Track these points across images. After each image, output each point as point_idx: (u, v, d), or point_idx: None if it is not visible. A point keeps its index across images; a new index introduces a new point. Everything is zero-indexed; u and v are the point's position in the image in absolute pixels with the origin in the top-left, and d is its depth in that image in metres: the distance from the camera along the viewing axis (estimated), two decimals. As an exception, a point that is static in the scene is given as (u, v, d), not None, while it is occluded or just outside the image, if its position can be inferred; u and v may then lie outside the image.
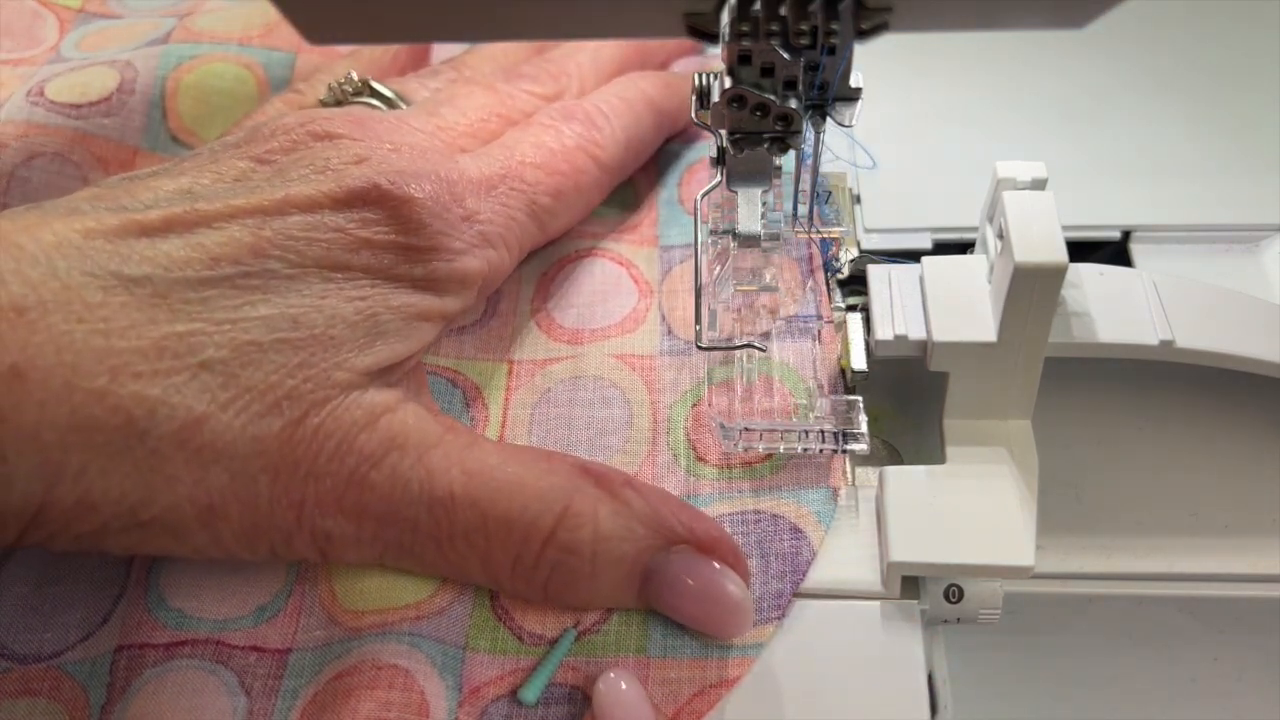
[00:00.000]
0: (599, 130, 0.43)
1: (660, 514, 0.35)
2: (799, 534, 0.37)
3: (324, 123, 0.37)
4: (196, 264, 0.32)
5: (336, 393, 0.33)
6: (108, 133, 0.45)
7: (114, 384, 0.30)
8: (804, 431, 0.39)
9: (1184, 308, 0.40)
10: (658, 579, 0.35)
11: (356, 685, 0.34)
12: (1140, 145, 0.50)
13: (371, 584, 0.36)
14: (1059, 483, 0.44)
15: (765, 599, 0.36)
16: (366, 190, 0.35)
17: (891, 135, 0.50)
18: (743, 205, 0.40)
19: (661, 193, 0.48)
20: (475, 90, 0.43)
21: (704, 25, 0.30)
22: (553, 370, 0.42)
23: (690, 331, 0.43)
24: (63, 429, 0.29)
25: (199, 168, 0.36)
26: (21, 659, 0.36)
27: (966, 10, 0.30)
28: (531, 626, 0.36)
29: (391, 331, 0.35)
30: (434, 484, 0.34)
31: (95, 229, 0.31)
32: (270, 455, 0.32)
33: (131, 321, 0.31)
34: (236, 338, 0.32)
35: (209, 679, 0.35)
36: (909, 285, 0.41)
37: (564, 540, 0.34)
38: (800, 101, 0.34)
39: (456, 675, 0.35)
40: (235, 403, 0.32)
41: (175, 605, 0.36)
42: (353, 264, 0.34)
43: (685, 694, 0.35)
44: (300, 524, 0.34)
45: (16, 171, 0.43)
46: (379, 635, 0.35)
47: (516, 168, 0.40)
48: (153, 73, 0.46)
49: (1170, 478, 0.44)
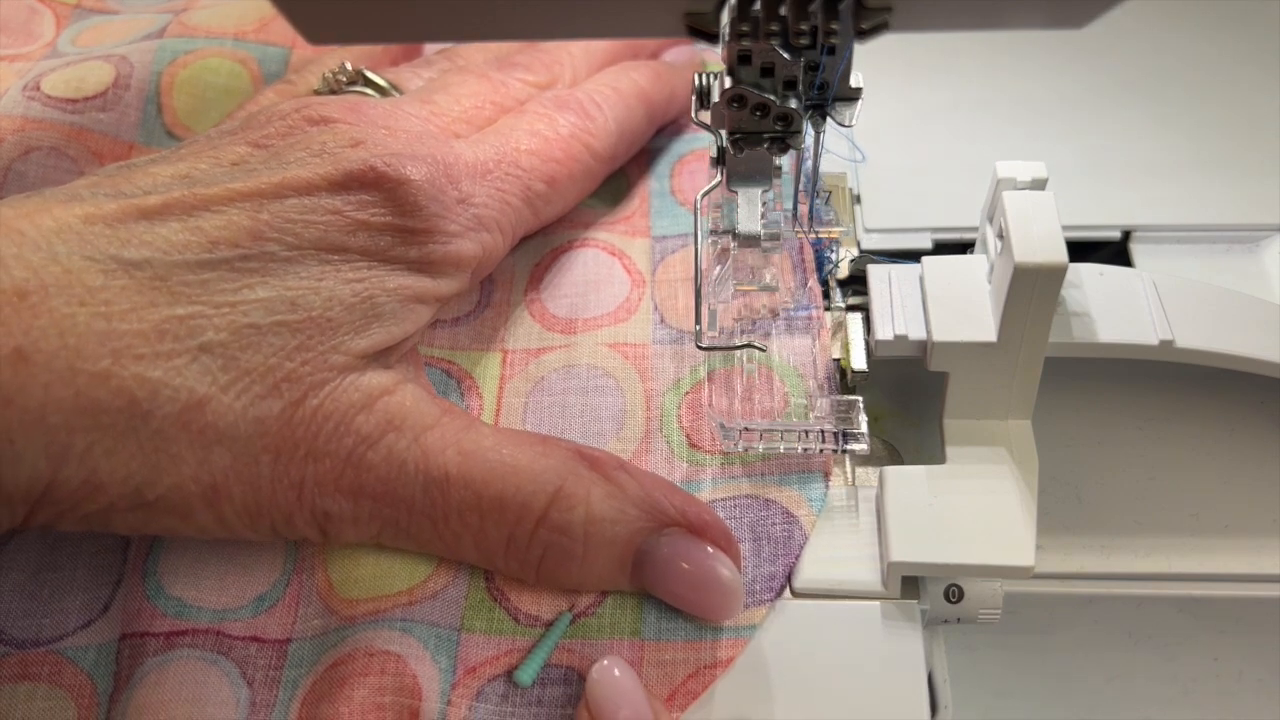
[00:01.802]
0: (593, 120, 0.43)
1: (653, 497, 0.36)
2: (791, 518, 0.38)
3: (319, 108, 0.37)
4: (195, 247, 0.32)
5: (334, 375, 0.34)
6: (104, 127, 0.45)
7: (116, 366, 0.30)
8: (804, 431, 0.39)
9: (1184, 308, 0.40)
10: (650, 561, 0.35)
11: (351, 673, 0.34)
12: (1140, 145, 0.50)
13: (366, 572, 0.36)
14: (1059, 483, 0.44)
15: (758, 581, 0.37)
16: (363, 172, 0.35)
17: (891, 135, 0.50)
18: (743, 205, 0.40)
19: (653, 184, 0.48)
20: (469, 78, 0.44)
21: (704, 25, 0.30)
22: (546, 359, 0.42)
23: (683, 321, 0.43)
24: (67, 410, 0.30)
25: (197, 154, 0.36)
26: (20, 644, 0.36)
27: (966, 10, 0.30)
28: (527, 608, 0.36)
29: (387, 314, 0.35)
30: (430, 464, 0.34)
31: (95, 214, 0.32)
32: (271, 436, 0.33)
33: (132, 304, 0.31)
34: (235, 320, 0.32)
35: (211, 670, 0.35)
36: (909, 285, 0.41)
37: (556, 521, 0.35)
38: (800, 101, 0.34)
39: (451, 657, 0.35)
40: (235, 385, 0.32)
41: (174, 593, 0.36)
42: (349, 246, 0.35)
43: (680, 675, 0.35)
44: (300, 503, 0.34)
45: (13, 166, 0.43)
46: (372, 623, 0.35)
47: (512, 153, 0.40)
48: (148, 67, 0.46)
49: (1170, 478, 0.44)
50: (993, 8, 0.30)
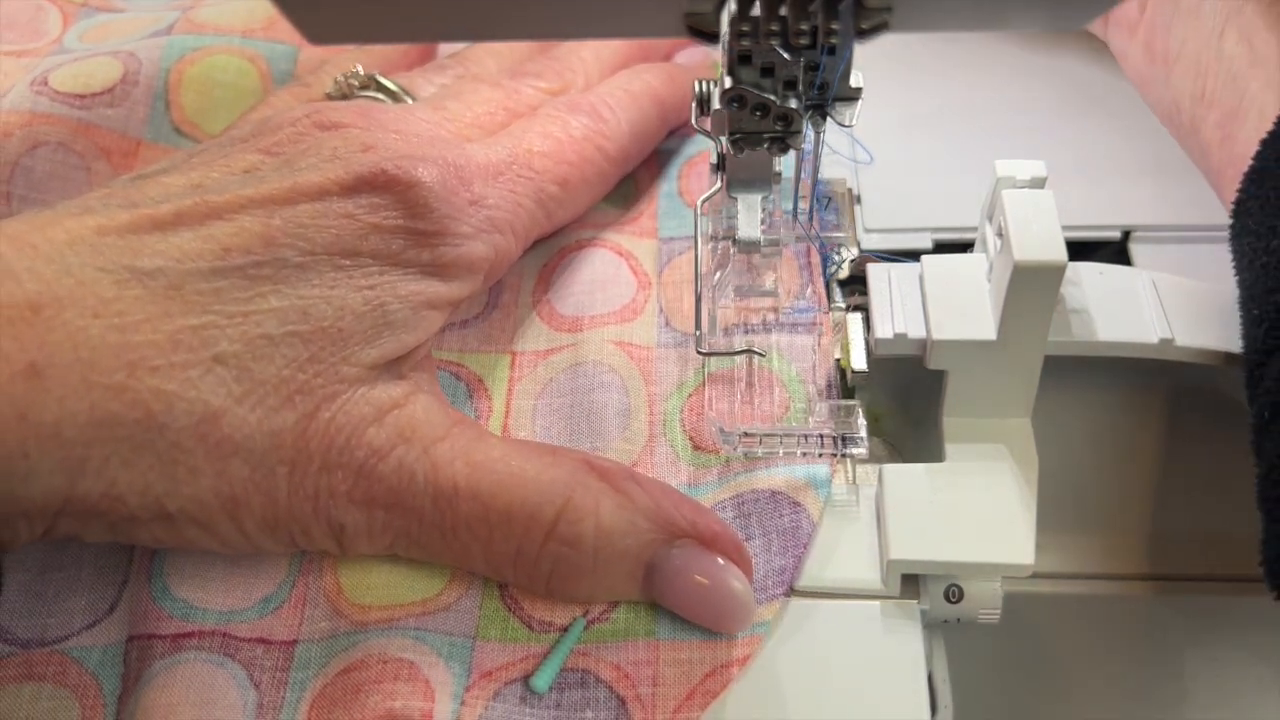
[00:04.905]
0: (605, 122, 0.43)
1: (663, 508, 0.35)
2: (797, 507, 0.38)
3: (330, 113, 0.37)
4: (208, 255, 0.32)
5: (345, 387, 0.34)
6: (111, 123, 0.45)
7: (131, 379, 0.30)
8: (803, 436, 0.39)
9: (1184, 306, 0.40)
10: (660, 573, 0.35)
11: (365, 681, 0.34)
12: (1140, 145, 0.50)
13: (380, 579, 0.36)
14: (1059, 483, 0.43)
15: (769, 576, 0.37)
16: (374, 175, 0.35)
17: (891, 135, 0.50)
18: (742, 211, 0.40)
19: (662, 185, 0.48)
20: (482, 85, 0.44)
21: (704, 25, 0.30)
22: (555, 360, 0.42)
23: (688, 323, 0.43)
24: (83, 424, 0.30)
25: (208, 163, 0.36)
26: (24, 644, 0.36)
27: (966, 10, 0.30)
28: (541, 614, 0.36)
29: (399, 321, 0.35)
30: (438, 476, 0.34)
31: (107, 225, 0.32)
32: (286, 449, 0.33)
33: (146, 315, 0.31)
34: (249, 331, 0.32)
35: (218, 672, 0.35)
36: (909, 284, 0.41)
37: (565, 534, 0.35)
38: (800, 101, 0.34)
39: (465, 663, 0.35)
40: (250, 397, 0.32)
41: (180, 595, 0.36)
42: (362, 250, 0.34)
43: (698, 674, 0.35)
44: (316, 515, 0.34)
45: (20, 161, 0.43)
46: (385, 630, 0.35)
47: (524, 155, 0.40)
48: (156, 64, 0.46)
49: (1170, 478, 0.44)
50: (993, 8, 0.30)
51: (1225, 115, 0.40)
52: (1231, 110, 0.40)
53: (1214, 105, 0.41)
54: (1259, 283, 0.37)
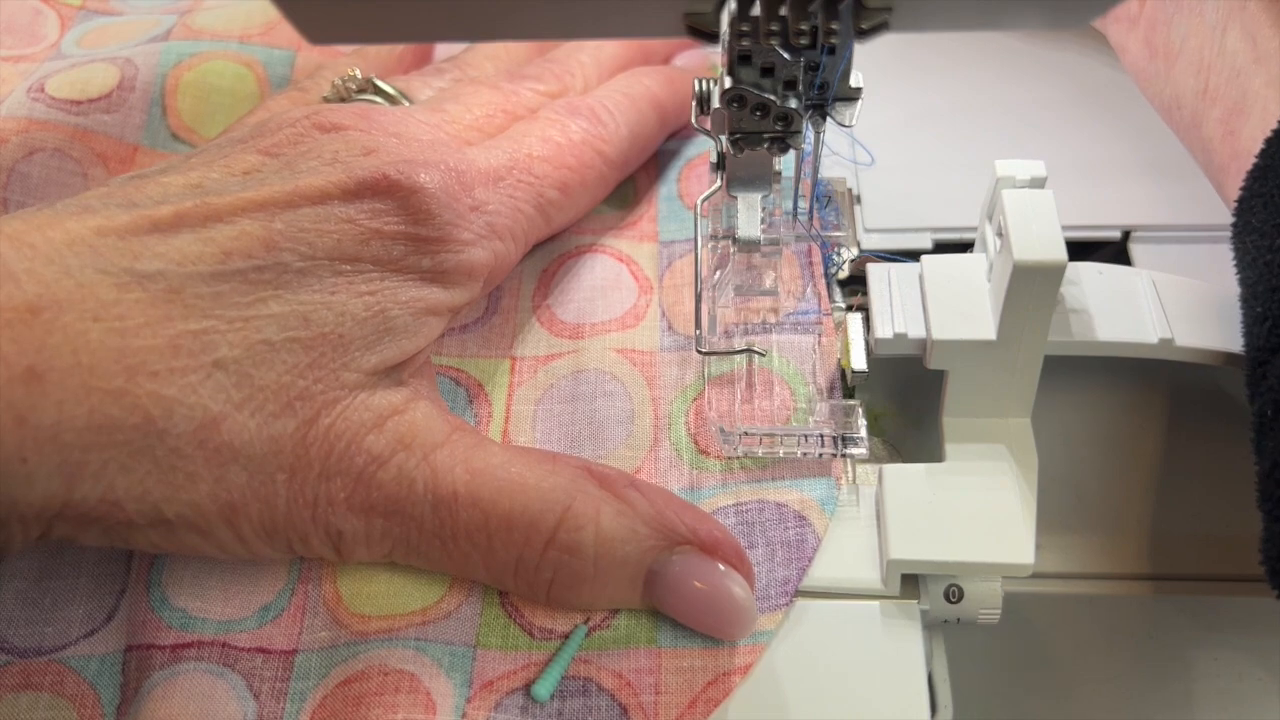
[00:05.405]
0: (604, 126, 0.43)
1: (664, 515, 0.35)
2: (803, 521, 0.38)
3: (330, 115, 0.37)
4: (209, 258, 0.32)
5: (345, 394, 0.34)
6: (108, 129, 0.45)
7: (131, 384, 0.30)
8: (803, 436, 0.39)
9: (1184, 306, 0.40)
10: (661, 580, 0.35)
11: (365, 692, 0.34)
12: (1140, 145, 0.50)
13: (379, 588, 0.36)
14: (1059, 483, 0.44)
15: (772, 586, 0.36)
16: (376, 180, 0.35)
17: (891, 135, 0.50)
18: (742, 211, 0.40)
19: (661, 188, 0.48)
20: (480, 88, 0.44)
21: (704, 25, 0.30)
22: (555, 366, 0.42)
23: (690, 326, 0.43)
24: (81, 429, 0.29)
25: (208, 163, 0.36)
26: (21, 652, 0.36)
27: (966, 10, 0.30)
28: (541, 622, 0.36)
29: (399, 328, 0.35)
30: (438, 483, 0.34)
31: (107, 226, 0.31)
32: (286, 455, 0.33)
33: (146, 319, 0.31)
34: (249, 336, 0.32)
35: (217, 683, 0.35)
36: (909, 284, 0.41)
37: (565, 541, 0.34)
38: (800, 101, 0.34)
39: (466, 673, 0.35)
40: (250, 403, 0.32)
41: (178, 604, 0.36)
42: (363, 255, 0.34)
43: (700, 682, 0.35)
44: (315, 522, 0.34)
45: (17, 167, 0.43)
46: (385, 641, 0.35)
47: (524, 160, 0.40)
48: (153, 70, 0.46)
49: (1170, 478, 0.44)
50: (993, 8, 0.30)
51: (1228, 111, 0.40)
52: (1234, 106, 0.40)
53: (1216, 101, 0.41)
54: (1262, 280, 0.37)
